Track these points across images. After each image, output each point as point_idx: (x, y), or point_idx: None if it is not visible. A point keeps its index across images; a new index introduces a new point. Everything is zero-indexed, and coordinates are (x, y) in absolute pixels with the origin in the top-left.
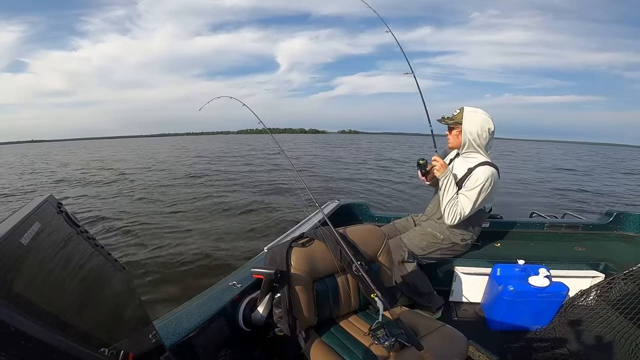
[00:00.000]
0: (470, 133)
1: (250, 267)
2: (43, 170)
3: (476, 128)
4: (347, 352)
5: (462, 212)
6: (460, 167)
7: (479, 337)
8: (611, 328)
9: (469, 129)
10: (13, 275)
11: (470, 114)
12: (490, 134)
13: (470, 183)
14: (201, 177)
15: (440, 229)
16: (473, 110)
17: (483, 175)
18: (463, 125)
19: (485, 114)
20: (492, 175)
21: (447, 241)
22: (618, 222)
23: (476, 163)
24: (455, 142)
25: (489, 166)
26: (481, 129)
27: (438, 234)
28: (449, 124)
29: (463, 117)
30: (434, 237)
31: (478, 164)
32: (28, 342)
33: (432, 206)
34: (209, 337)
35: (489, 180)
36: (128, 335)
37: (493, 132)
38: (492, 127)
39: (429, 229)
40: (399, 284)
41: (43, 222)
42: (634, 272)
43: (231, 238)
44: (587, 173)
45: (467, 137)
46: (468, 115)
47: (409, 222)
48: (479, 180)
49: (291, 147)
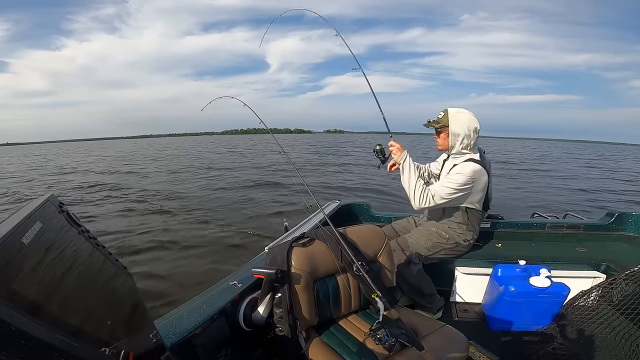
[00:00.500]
0: (458, 134)
1: (250, 267)
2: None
3: (463, 129)
4: (347, 352)
5: (433, 197)
6: (449, 167)
7: (480, 338)
8: (612, 329)
9: (456, 130)
10: (14, 275)
11: (455, 115)
12: (476, 133)
13: (450, 175)
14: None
15: (444, 228)
16: (457, 111)
17: (463, 169)
18: (450, 127)
19: (469, 114)
20: (474, 171)
21: (452, 241)
22: (619, 222)
23: (462, 160)
24: (445, 145)
25: (473, 162)
26: (468, 128)
27: (443, 233)
28: (436, 127)
29: (449, 119)
30: (439, 236)
31: (463, 161)
32: (29, 342)
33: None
34: (210, 336)
35: (469, 175)
36: (129, 335)
37: (479, 130)
38: (478, 126)
39: (434, 229)
40: (403, 285)
41: (44, 222)
42: (636, 272)
43: (230, 239)
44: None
45: (454, 138)
46: (453, 117)
47: (410, 222)
48: (459, 173)
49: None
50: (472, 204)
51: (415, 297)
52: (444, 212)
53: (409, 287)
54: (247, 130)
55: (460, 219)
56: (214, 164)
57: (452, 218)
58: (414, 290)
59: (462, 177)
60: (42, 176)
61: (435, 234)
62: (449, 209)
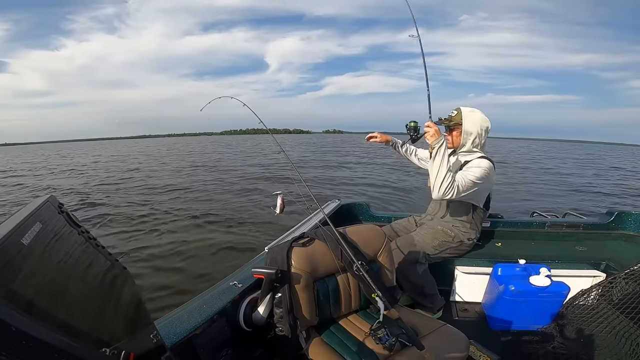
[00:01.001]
0: (470, 133)
1: (250, 267)
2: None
3: (476, 127)
4: (347, 351)
5: (458, 188)
6: (458, 162)
7: (480, 337)
8: (612, 328)
9: (469, 129)
10: (14, 275)
11: (468, 114)
12: (487, 132)
13: (470, 168)
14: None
15: (449, 227)
16: (470, 110)
17: (481, 163)
18: (463, 126)
19: (481, 113)
20: (490, 167)
21: (457, 239)
22: (619, 221)
23: (475, 157)
24: (456, 142)
25: (487, 159)
26: (480, 127)
27: (449, 231)
28: (450, 125)
29: (462, 117)
30: (445, 234)
31: (476, 158)
32: (29, 342)
33: (435, 205)
34: (210, 337)
35: (487, 170)
36: (129, 335)
37: (489, 130)
38: (489, 126)
39: (439, 227)
40: (405, 284)
41: (44, 223)
42: (635, 271)
43: (229, 239)
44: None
45: (467, 137)
46: (467, 116)
47: (410, 222)
48: (478, 166)
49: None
50: (478, 202)
51: (418, 296)
52: (450, 210)
53: (412, 286)
54: (246, 131)
55: (465, 217)
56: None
57: (457, 216)
58: (416, 290)
59: (482, 171)
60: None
61: (442, 233)
62: (455, 207)
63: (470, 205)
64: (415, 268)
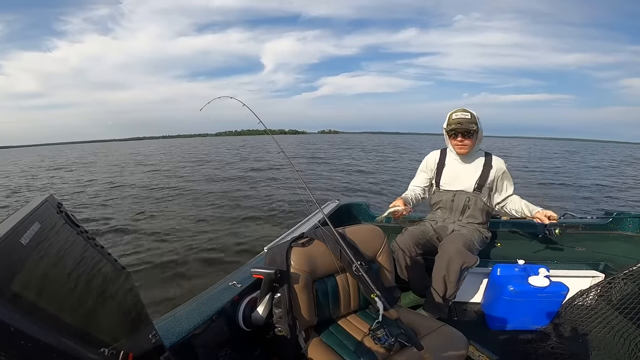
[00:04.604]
0: (482, 135)
1: (250, 267)
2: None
3: (481, 127)
4: (347, 352)
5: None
6: (467, 165)
7: (479, 337)
8: (611, 328)
9: (482, 132)
10: (13, 275)
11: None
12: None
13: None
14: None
15: (480, 229)
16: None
17: (502, 164)
18: (480, 130)
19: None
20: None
21: (486, 240)
22: (618, 222)
23: (483, 156)
24: (474, 145)
25: (494, 156)
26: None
27: (484, 232)
28: (475, 130)
29: (477, 121)
30: (480, 233)
31: (487, 156)
32: (28, 342)
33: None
34: (209, 337)
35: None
36: (128, 335)
37: None
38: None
39: (473, 228)
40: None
41: (43, 222)
42: (634, 272)
43: (229, 238)
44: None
45: (480, 139)
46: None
47: (427, 226)
48: (504, 169)
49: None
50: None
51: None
52: (473, 212)
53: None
54: (241, 132)
55: (483, 219)
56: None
57: (479, 218)
58: (444, 296)
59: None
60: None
61: (477, 232)
62: (478, 209)
63: (489, 206)
64: (466, 273)
